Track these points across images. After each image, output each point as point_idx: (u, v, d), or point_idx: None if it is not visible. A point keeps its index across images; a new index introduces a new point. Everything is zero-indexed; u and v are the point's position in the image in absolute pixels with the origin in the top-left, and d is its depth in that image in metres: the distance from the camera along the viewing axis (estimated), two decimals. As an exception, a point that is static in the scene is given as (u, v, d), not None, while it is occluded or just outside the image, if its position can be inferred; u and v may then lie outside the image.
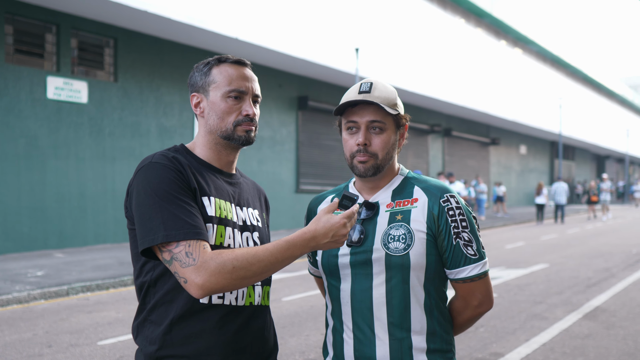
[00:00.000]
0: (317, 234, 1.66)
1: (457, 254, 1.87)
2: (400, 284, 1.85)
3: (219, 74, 1.88)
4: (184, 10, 13.31)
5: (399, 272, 1.84)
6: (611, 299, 8.36)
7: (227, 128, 1.86)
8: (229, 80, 1.86)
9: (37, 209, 12.36)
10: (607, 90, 47.92)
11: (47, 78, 12.47)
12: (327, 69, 18.18)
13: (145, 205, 1.69)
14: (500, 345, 5.98)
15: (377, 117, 1.88)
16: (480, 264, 1.89)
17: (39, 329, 6.61)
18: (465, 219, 1.89)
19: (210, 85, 1.88)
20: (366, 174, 1.90)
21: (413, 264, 1.84)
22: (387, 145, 1.90)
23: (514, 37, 31.73)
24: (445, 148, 28.40)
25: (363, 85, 1.91)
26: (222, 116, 1.86)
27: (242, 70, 1.90)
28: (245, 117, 1.87)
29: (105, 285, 9.04)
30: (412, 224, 1.86)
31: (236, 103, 1.86)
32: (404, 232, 1.86)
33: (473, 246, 1.88)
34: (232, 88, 1.86)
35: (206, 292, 1.62)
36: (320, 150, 20.47)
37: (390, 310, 1.85)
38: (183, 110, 15.49)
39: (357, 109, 1.90)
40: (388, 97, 1.90)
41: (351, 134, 1.93)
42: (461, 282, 1.90)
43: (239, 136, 1.87)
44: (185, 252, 1.63)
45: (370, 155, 1.88)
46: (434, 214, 1.87)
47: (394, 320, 1.85)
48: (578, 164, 46.46)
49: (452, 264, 1.89)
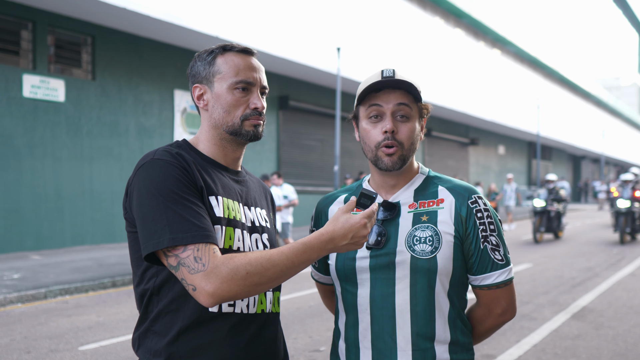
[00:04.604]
0: (336, 235, 1.52)
1: (485, 259, 1.75)
2: (425, 289, 1.71)
3: (225, 64, 1.72)
4: (163, 8, 13.09)
5: (424, 277, 1.71)
6: (597, 299, 8.36)
7: (234, 122, 1.71)
8: (236, 70, 1.71)
9: (12, 210, 12.06)
10: (583, 91, 48.41)
11: (22, 76, 12.17)
12: (308, 68, 18.05)
13: (148, 206, 1.54)
14: (492, 347, 5.91)
15: (405, 101, 1.73)
16: (507, 269, 1.77)
17: (17, 334, 6.38)
18: (493, 222, 1.77)
19: (215, 75, 1.72)
20: (394, 167, 1.74)
21: (440, 269, 1.71)
22: (412, 134, 1.75)
23: (492, 37, 31.86)
24: (426, 148, 28.44)
25: (385, 71, 1.73)
26: (228, 109, 1.71)
27: (249, 59, 1.75)
28: (254, 111, 1.72)
29: (84, 287, 8.81)
30: (440, 225, 1.73)
31: (244, 95, 1.72)
32: (431, 233, 1.72)
33: (500, 251, 1.76)
34: (240, 79, 1.71)
35: (217, 300, 1.47)
36: (301, 150, 20.34)
37: (415, 319, 1.71)
38: (162, 109, 15.25)
39: (382, 93, 1.73)
40: (413, 82, 1.75)
41: (374, 122, 1.74)
42: (486, 289, 1.78)
43: (246, 131, 1.72)
44: (193, 257, 1.49)
45: (398, 143, 1.72)
46: (462, 215, 1.74)
47: (419, 329, 1.71)
48: (555, 164, 46.90)
49: (478, 270, 1.76)
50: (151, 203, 1.54)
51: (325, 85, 20.70)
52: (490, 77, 30.43)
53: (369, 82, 1.74)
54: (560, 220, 17.25)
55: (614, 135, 56.69)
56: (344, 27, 19.00)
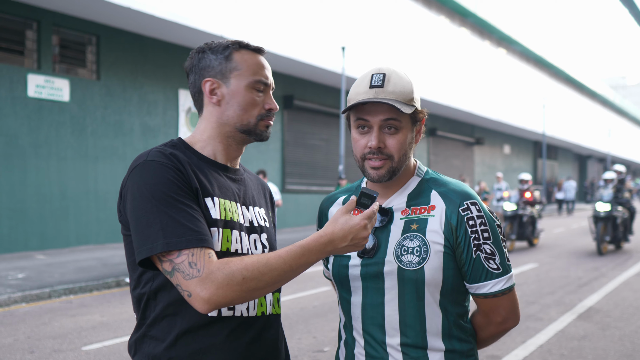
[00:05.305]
0: (335, 237, 1.48)
1: (478, 268, 1.68)
2: (414, 300, 1.67)
3: (243, 61, 1.68)
4: (168, 7, 13.08)
5: (412, 288, 1.66)
6: (604, 299, 8.30)
7: (250, 121, 1.68)
8: (255, 69, 1.68)
9: (17, 210, 12.07)
10: (589, 90, 48.23)
11: (27, 76, 12.18)
12: (313, 67, 18.02)
13: (142, 209, 1.50)
14: (497, 348, 5.86)
15: (392, 115, 1.65)
16: (504, 278, 1.70)
17: (21, 334, 6.37)
18: (488, 229, 1.69)
19: (233, 72, 1.67)
20: (380, 180, 1.69)
21: (428, 280, 1.65)
22: (403, 145, 1.68)
23: (497, 37, 31.76)
24: (430, 148, 28.38)
25: (375, 77, 1.66)
26: (246, 108, 1.67)
27: (263, 59, 1.73)
28: (269, 112, 1.71)
29: (88, 287, 8.81)
30: (428, 235, 1.66)
31: (260, 95, 1.69)
32: (419, 243, 1.66)
33: (496, 259, 1.69)
34: (259, 78, 1.68)
35: (213, 306, 1.44)
36: (306, 150, 20.31)
37: (404, 329, 1.67)
38: (167, 109, 15.25)
39: (369, 106, 1.67)
40: (404, 92, 1.66)
41: (362, 134, 1.69)
42: (482, 297, 1.72)
43: (260, 131, 1.70)
44: (188, 262, 1.45)
45: (386, 157, 1.67)
46: (452, 224, 1.66)
47: (409, 340, 1.67)
48: (561, 163, 46.74)
49: (471, 279, 1.70)
50: (144, 207, 1.50)
51: (330, 85, 20.66)
52: (496, 77, 30.33)
53: (356, 94, 1.68)
54: (535, 226, 15.26)
55: (620, 135, 56.48)
56: (349, 26, 18.96)
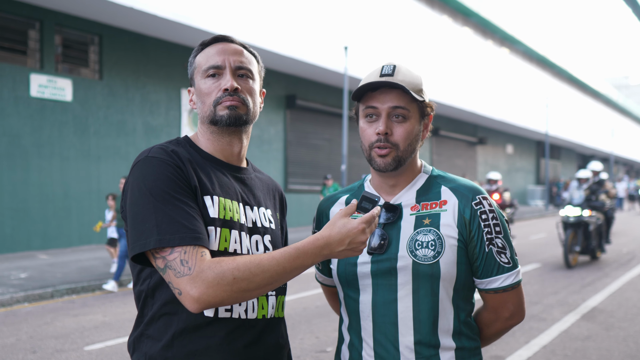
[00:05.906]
0: (332, 240, 1.44)
1: (490, 262, 1.68)
2: (429, 296, 1.65)
3: (201, 59, 1.69)
4: (170, 7, 13.07)
5: (427, 283, 1.65)
6: (607, 299, 8.26)
7: (210, 110, 1.64)
8: (207, 59, 1.67)
9: (19, 210, 12.07)
10: (592, 90, 48.15)
11: (30, 75, 12.18)
12: (316, 67, 18.00)
13: (139, 205, 1.49)
14: (500, 348, 5.84)
15: (401, 103, 1.66)
16: (514, 272, 1.71)
17: (23, 334, 6.36)
18: (499, 223, 1.70)
19: (195, 73, 1.69)
20: (386, 168, 1.68)
21: (443, 274, 1.65)
22: (410, 135, 1.68)
23: (500, 36, 31.71)
24: (434, 147, 28.34)
25: (385, 67, 1.68)
26: (203, 99, 1.66)
27: (219, 45, 1.68)
28: (224, 92, 1.63)
29: (91, 287, 8.80)
30: (442, 229, 1.67)
31: (215, 81, 1.65)
32: (433, 237, 1.66)
33: (507, 253, 1.70)
34: (208, 65, 1.65)
35: (203, 305, 1.41)
36: (309, 150, 20.29)
37: (418, 327, 1.65)
38: (169, 108, 15.24)
39: (378, 93, 1.67)
40: (413, 82, 1.68)
41: (370, 122, 1.70)
42: (492, 292, 1.72)
43: (220, 115, 1.62)
44: (180, 260, 1.42)
45: (392, 145, 1.67)
46: (466, 217, 1.67)
47: (422, 337, 1.66)
48: (564, 163, 46.67)
49: (483, 273, 1.70)
50: (142, 202, 1.49)
51: (333, 85, 20.63)
52: (499, 76, 30.28)
53: (367, 80, 1.69)
54: None
55: (623, 134, 56.37)
56: (352, 26, 18.94)
